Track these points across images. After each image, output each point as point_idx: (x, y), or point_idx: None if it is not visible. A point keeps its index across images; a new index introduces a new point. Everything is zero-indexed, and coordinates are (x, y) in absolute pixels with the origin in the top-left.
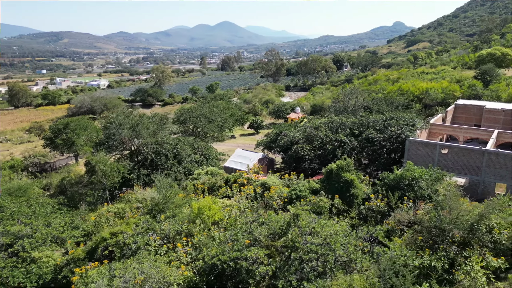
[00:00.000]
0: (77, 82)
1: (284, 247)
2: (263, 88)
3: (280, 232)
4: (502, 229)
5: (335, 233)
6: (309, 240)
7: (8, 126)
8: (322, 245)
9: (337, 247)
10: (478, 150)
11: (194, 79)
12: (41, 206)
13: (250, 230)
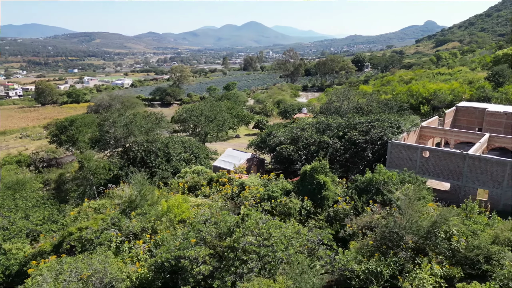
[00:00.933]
0: (104, 81)
1: (226, 247)
2: (278, 88)
3: (228, 232)
4: (462, 237)
5: (283, 234)
6: (249, 240)
7: (31, 123)
8: (264, 246)
9: (279, 249)
10: (459, 154)
11: (215, 79)
12: (25, 200)
13: (200, 230)
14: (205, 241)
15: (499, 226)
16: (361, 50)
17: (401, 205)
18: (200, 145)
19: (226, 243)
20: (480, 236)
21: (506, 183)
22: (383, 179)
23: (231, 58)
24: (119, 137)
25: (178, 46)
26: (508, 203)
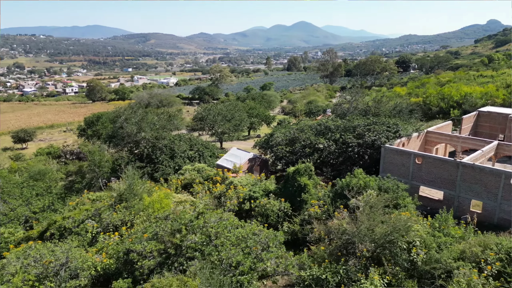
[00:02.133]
0: (152, 80)
1: (173, 244)
2: (315, 89)
3: (179, 229)
4: (422, 249)
5: (237, 235)
6: (192, 238)
7: (78, 118)
8: (208, 245)
9: (224, 249)
10: (452, 161)
11: (255, 79)
12: (31, 189)
13: (158, 225)
14: (157, 236)
15: (469, 241)
16: (415, 51)
17: (358, 212)
18: (208, 143)
19: (175, 240)
20: (443, 250)
21: (501, 195)
22: (359, 184)
23: (278, 59)
24: (130, 133)
25: (227, 46)
26: (503, 217)
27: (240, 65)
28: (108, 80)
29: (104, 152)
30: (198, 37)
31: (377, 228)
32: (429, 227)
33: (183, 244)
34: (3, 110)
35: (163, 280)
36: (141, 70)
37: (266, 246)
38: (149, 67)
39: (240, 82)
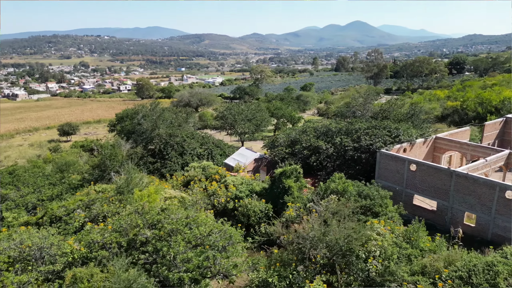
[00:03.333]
0: (201, 79)
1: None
2: (356, 91)
3: (138, 224)
4: (379, 260)
5: (195, 232)
6: (143, 232)
7: None
8: (160, 241)
9: (175, 245)
10: (445, 170)
11: (300, 79)
12: (45, 178)
13: (123, 218)
14: (121, 229)
15: (434, 255)
16: (480, 51)
17: (312, 217)
18: (220, 142)
19: (130, 234)
20: (403, 262)
21: (495, 209)
22: (337, 189)
23: (329, 59)
24: (146, 130)
25: (279, 46)
26: (497, 233)
27: (290, 65)
28: (160, 78)
29: (120, 147)
30: (251, 37)
31: (329, 235)
32: (401, 238)
33: (137, 238)
34: (61, 105)
35: (81, 270)
36: (193, 70)
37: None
38: (201, 66)
39: (283, 82)
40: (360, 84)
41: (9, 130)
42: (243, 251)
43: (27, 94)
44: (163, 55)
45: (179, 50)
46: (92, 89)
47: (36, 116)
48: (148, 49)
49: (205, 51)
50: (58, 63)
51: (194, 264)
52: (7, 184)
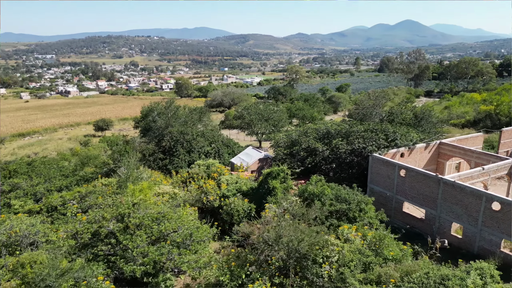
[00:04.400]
0: (241, 79)
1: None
2: (393, 92)
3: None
4: (333, 266)
5: (160, 228)
6: (106, 225)
7: None
8: (125, 234)
9: (135, 239)
10: (433, 177)
11: (340, 79)
12: (58, 170)
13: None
14: (93, 221)
15: (391, 264)
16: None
17: (270, 220)
18: (229, 141)
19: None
20: (357, 269)
21: (481, 220)
22: (315, 192)
23: (376, 59)
24: (159, 127)
25: (324, 46)
26: (483, 246)
27: (333, 66)
28: (202, 78)
29: (134, 143)
30: (295, 37)
31: (284, 238)
32: (366, 245)
33: (101, 231)
34: (106, 102)
35: (26, 256)
36: (235, 70)
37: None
38: (244, 66)
39: (321, 82)
40: (402, 85)
41: (54, 124)
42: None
43: (78, 91)
44: (208, 55)
45: (224, 50)
46: (137, 87)
47: (81, 112)
48: (195, 49)
49: (249, 51)
50: (110, 62)
51: (150, 258)
52: (22, 174)
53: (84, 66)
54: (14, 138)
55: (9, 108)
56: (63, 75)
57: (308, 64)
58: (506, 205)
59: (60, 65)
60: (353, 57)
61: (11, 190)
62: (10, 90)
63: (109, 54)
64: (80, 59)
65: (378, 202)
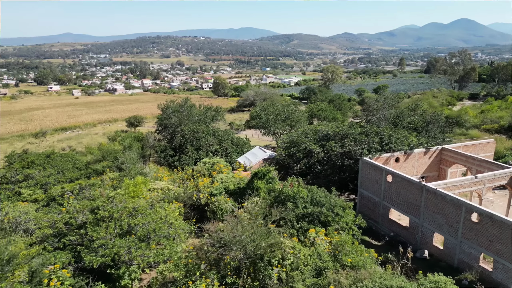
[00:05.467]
0: (280, 79)
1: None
2: (432, 95)
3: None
4: (283, 269)
5: (132, 222)
6: (76, 216)
7: None
8: (95, 225)
9: (102, 230)
10: (417, 183)
11: (381, 80)
12: (72, 163)
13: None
14: (70, 212)
15: (343, 272)
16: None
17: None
18: (239, 140)
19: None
20: (306, 273)
21: (461, 232)
22: (289, 193)
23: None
24: (173, 124)
25: (371, 46)
26: (463, 259)
27: (379, 66)
28: (243, 78)
29: (149, 139)
30: (341, 37)
31: (236, 238)
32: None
33: (71, 221)
34: (147, 100)
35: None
36: (277, 70)
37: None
38: (286, 66)
39: (361, 83)
40: (441, 88)
41: (94, 120)
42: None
43: (124, 89)
44: (251, 55)
45: (268, 50)
46: (178, 86)
47: (122, 108)
48: (239, 49)
49: (292, 51)
50: (158, 62)
51: (110, 250)
52: (38, 165)
53: (133, 65)
54: (56, 132)
55: (59, 103)
56: (113, 73)
57: (353, 64)
58: (484, 217)
59: (112, 64)
60: (404, 58)
61: (24, 179)
62: (64, 87)
63: (157, 53)
64: (130, 58)
65: (367, 207)
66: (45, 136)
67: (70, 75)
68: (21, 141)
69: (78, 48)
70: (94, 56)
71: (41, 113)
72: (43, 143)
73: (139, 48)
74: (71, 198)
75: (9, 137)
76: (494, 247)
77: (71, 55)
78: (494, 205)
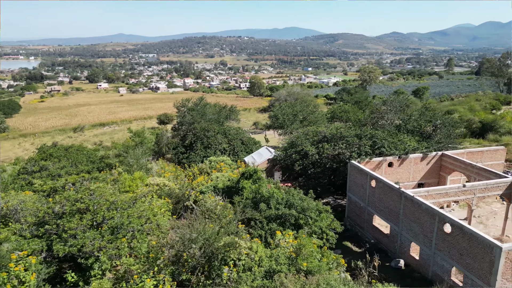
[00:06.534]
0: (320, 79)
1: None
2: (475, 98)
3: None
4: (233, 270)
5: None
6: (53, 207)
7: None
8: (73, 215)
9: (72, 221)
10: (396, 190)
11: (425, 82)
12: (86, 157)
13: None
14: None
15: (289, 276)
16: None
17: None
18: (249, 140)
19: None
20: (259, 275)
21: (434, 243)
22: (265, 194)
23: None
24: (187, 122)
25: (421, 46)
26: (436, 272)
27: (428, 67)
28: (282, 77)
29: (163, 137)
30: (389, 36)
31: (186, 236)
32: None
33: (49, 211)
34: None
35: None
36: (319, 70)
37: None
38: (329, 66)
39: (403, 84)
40: (487, 90)
41: (131, 117)
42: (146, 238)
43: (166, 87)
44: (294, 55)
45: (311, 50)
46: (217, 85)
47: (159, 106)
48: (282, 49)
49: (337, 51)
50: (202, 61)
51: (79, 241)
52: (55, 157)
53: (179, 64)
54: (94, 127)
55: (105, 100)
56: (159, 72)
57: (399, 65)
58: (456, 228)
59: (159, 63)
60: (453, 58)
61: (39, 170)
62: (112, 85)
63: (202, 53)
64: (177, 58)
65: (354, 212)
66: (82, 130)
67: (119, 73)
68: (62, 135)
69: (129, 48)
70: (143, 55)
71: (86, 109)
72: (80, 137)
73: (185, 48)
74: (72, 189)
75: (52, 130)
76: (464, 261)
77: (122, 55)
78: (497, 217)
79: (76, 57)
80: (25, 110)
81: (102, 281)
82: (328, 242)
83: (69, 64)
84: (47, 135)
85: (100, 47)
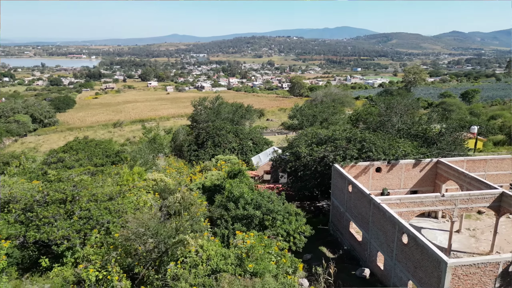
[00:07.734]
0: (367, 80)
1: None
2: None
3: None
4: (178, 266)
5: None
6: (34, 195)
7: (263, 106)
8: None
9: (52, 208)
10: (367, 196)
11: (480, 84)
12: (103, 151)
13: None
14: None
15: (227, 277)
16: None
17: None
18: (260, 140)
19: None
20: (203, 273)
21: (395, 253)
22: (235, 194)
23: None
24: (201, 120)
25: (483, 46)
26: (395, 284)
27: (490, 69)
28: (328, 78)
29: (178, 134)
30: (448, 36)
31: (139, 231)
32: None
33: (31, 199)
34: (225, 97)
35: None
36: (368, 70)
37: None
38: (380, 67)
39: (455, 87)
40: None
41: (169, 114)
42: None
43: (211, 86)
44: (344, 55)
45: (362, 50)
46: (260, 85)
47: None
48: (331, 49)
49: (390, 51)
50: (250, 61)
51: (51, 229)
52: (74, 150)
53: (227, 64)
54: (134, 123)
55: (151, 98)
56: (208, 72)
57: (458, 66)
58: (411, 239)
59: (209, 63)
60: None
61: (56, 162)
62: (162, 83)
63: (251, 53)
64: (226, 57)
65: (336, 217)
66: (121, 126)
67: (169, 72)
68: (103, 130)
69: (182, 48)
70: (194, 55)
71: (131, 106)
72: (118, 132)
73: (234, 48)
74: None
75: (96, 125)
76: (418, 275)
77: (175, 54)
78: (492, 231)
79: (132, 56)
80: (79, 106)
81: (64, 267)
82: (295, 246)
83: (126, 63)
84: (90, 129)
85: (154, 47)
